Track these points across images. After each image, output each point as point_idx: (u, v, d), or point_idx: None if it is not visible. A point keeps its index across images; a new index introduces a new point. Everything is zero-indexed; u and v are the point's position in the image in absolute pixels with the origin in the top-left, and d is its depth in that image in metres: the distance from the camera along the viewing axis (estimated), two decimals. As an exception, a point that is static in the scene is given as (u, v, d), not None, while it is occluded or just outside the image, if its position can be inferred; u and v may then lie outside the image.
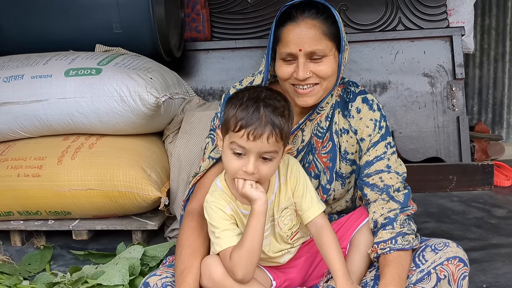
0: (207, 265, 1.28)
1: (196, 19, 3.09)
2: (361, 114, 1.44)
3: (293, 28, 1.34)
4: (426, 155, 2.95)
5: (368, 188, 1.42)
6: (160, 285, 1.28)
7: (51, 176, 2.06)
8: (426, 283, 1.31)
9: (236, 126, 1.20)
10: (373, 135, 1.43)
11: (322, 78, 1.35)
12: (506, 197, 2.71)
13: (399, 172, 1.43)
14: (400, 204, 1.40)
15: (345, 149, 1.46)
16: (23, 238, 2.21)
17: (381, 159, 1.42)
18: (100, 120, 2.11)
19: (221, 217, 1.28)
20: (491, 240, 2.15)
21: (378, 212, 1.39)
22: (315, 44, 1.32)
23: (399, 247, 1.33)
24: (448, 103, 2.97)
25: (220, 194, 1.31)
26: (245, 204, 1.30)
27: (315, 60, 1.34)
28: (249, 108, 1.22)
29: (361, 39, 3.02)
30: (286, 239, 1.38)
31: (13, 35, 2.47)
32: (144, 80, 2.07)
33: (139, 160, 2.09)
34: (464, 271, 1.32)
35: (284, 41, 1.35)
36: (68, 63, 2.18)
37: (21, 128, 2.19)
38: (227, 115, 1.24)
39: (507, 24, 3.88)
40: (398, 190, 1.41)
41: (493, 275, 1.82)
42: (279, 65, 1.38)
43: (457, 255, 1.32)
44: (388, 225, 1.37)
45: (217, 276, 1.25)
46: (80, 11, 2.40)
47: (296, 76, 1.34)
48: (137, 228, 2.13)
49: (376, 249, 1.35)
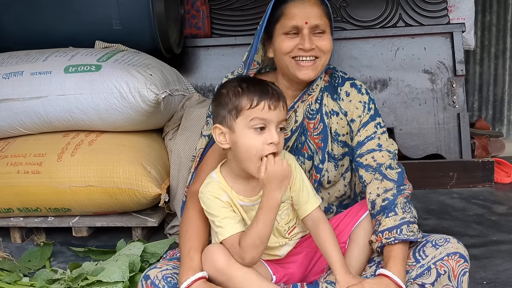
0: (209, 253, 1.28)
1: (196, 15, 3.08)
2: (350, 97, 1.51)
3: (298, 3, 1.43)
4: (426, 152, 2.94)
5: (363, 169, 1.46)
6: (160, 277, 1.29)
7: (51, 173, 2.06)
8: (426, 278, 1.32)
9: (253, 102, 1.25)
10: (362, 116, 1.49)
11: (322, 52, 1.44)
12: (506, 194, 2.71)
13: (390, 150, 1.46)
14: (395, 182, 1.41)
15: (335, 130, 1.52)
16: (23, 235, 2.21)
17: (371, 139, 1.47)
18: (100, 116, 2.10)
19: (219, 205, 1.30)
20: (492, 236, 2.14)
21: (374, 192, 1.41)
22: (318, 18, 1.43)
23: (405, 237, 1.32)
24: (449, 99, 2.97)
25: (215, 184, 1.32)
26: (241, 195, 1.32)
27: (317, 34, 1.43)
28: (255, 85, 1.29)
29: (362, 36, 3.01)
30: (284, 233, 1.39)
31: (13, 31, 2.47)
32: (144, 77, 2.07)
33: (139, 156, 2.09)
34: (465, 267, 1.32)
35: (289, 15, 1.43)
36: (67, 60, 2.17)
37: (20, 125, 2.18)
38: (231, 102, 1.27)
39: (507, 21, 3.88)
40: (390, 167, 1.43)
41: (493, 271, 1.82)
42: (281, 39, 1.44)
43: (457, 251, 1.32)
44: (389, 210, 1.36)
45: (220, 264, 1.25)
46: (80, 7, 2.39)
47: (303, 47, 1.41)
48: (137, 225, 2.12)
49: (381, 238, 1.34)
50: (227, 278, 1.25)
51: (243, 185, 1.33)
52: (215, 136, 1.32)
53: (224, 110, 1.29)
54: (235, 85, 1.31)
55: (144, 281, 1.29)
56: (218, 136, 1.31)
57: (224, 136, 1.29)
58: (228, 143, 1.29)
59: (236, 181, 1.33)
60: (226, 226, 1.28)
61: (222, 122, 1.29)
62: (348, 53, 3.01)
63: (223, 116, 1.29)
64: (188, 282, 1.24)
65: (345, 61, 3.01)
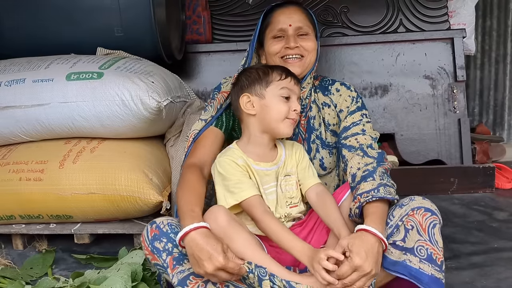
0: (212, 212, 1.34)
1: (197, 21, 3.08)
2: (340, 92, 1.70)
3: (283, 10, 1.69)
4: (427, 157, 2.95)
5: (346, 149, 1.58)
6: (166, 223, 1.36)
7: (52, 180, 2.06)
8: (396, 236, 1.35)
9: (282, 75, 1.50)
10: (350, 106, 1.66)
11: (307, 50, 1.65)
12: (507, 200, 2.71)
13: (372, 136, 1.61)
14: (375, 159, 1.50)
15: (327, 120, 1.70)
16: (25, 242, 2.22)
17: (357, 125, 1.62)
18: (101, 124, 2.11)
19: (235, 169, 1.44)
20: (493, 244, 2.14)
21: (355, 166, 1.50)
22: (301, 21, 1.67)
23: (382, 195, 1.37)
24: (449, 105, 2.97)
25: (232, 151, 1.49)
26: (257, 161, 1.48)
27: (301, 36, 1.66)
28: (277, 67, 1.54)
29: (362, 41, 3.01)
30: (286, 205, 1.49)
31: (15, 38, 2.47)
32: (145, 84, 2.07)
33: (141, 163, 2.10)
34: (433, 220, 1.33)
35: (275, 21, 1.68)
36: (69, 67, 2.18)
37: (22, 132, 2.19)
38: (261, 76, 1.49)
39: (508, 26, 3.89)
40: (371, 146, 1.56)
41: (494, 279, 1.81)
42: (270, 43, 1.67)
43: (422, 205, 1.35)
44: (368, 177, 1.43)
45: (223, 222, 1.31)
46: (82, 15, 2.39)
47: (288, 45, 1.63)
48: (138, 232, 2.13)
49: (359, 199, 1.39)
50: (228, 237, 1.30)
51: (260, 152, 1.51)
52: (242, 105, 1.50)
53: (254, 83, 1.50)
54: (260, 66, 1.56)
55: (149, 226, 1.36)
56: (246, 104, 1.49)
57: (251, 104, 1.48)
58: (255, 109, 1.48)
59: (253, 150, 1.50)
60: (244, 187, 1.39)
61: (251, 92, 1.49)
62: (349, 59, 3.01)
63: (252, 88, 1.49)
64: (191, 226, 1.27)
65: (346, 67, 3.02)
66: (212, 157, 1.54)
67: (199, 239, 1.24)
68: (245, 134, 1.54)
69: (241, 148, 1.51)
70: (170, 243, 1.32)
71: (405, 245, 1.33)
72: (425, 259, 1.30)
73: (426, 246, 1.30)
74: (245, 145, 1.52)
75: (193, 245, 1.25)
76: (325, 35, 3.15)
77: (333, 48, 3.01)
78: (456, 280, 1.80)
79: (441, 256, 1.32)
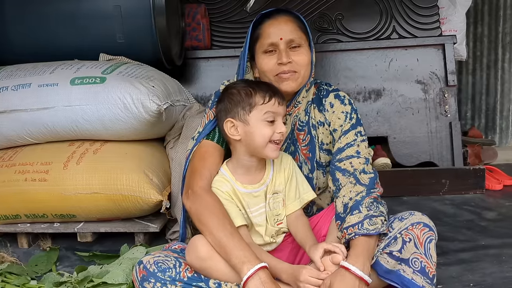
0: (193, 245, 1.40)
1: (197, 28, 3.16)
2: (334, 108, 1.63)
3: (272, 22, 1.57)
4: (419, 159, 3.02)
5: (340, 173, 1.55)
6: (152, 262, 1.40)
7: (57, 181, 2.13)
8: (393, 246, 1.42)
9: (265, 98, 1.45)
10: (344, 125, 1.60)
11: (300, 66, 1.56)
12: (497, 201, 2.77)
13: (366, 157, 1.57)
14: (366, 186, 1.50)
15: (321, 140, 1.65)
16: (30, 241, 2.28)
17: (351, 146, 1.57)
18: (104, 126, 2.18)
19: (221, 196, 1.47)
20: (480, 241, 2.20)
21: (347, 196, 1.50)
22: (292, 33, 1.56)
23: (364, 232, 1.40)
24: (441, 109, 3.05)
25: (219, 177, 1.51)
26: (244, 184, 1.50)
27: (294, 48, 1.56)
28: (262, 85, 1.49)
29: (356, 47, 3.09)
30: (274, 222, 1.53)
31: (21, 44, 2.55)
32: (146, 89, 2.15)
33: (142, 164, 2.17)
34: (430, 235, 1.41)
35: (265, 34, 1.57)
36: (73, 72, 2.26)
37: (28, 135, 2.26)
38: (244, 99, 1.45)
39: (499, 32, 3.97)
40: (363, 171, 1.53)
41: (480, 274, 1.87)
42: (261, 59, 1.58)
43: (421, 221, 1.43)
44: (355, 209, 1.45)
45: (202, 253, 1.37)
46: (85, 22, 2.48)
47: (280, 61, 1.53)
48: (139, 231, 2.20)
49: (345, 234, 1.44)
50: (208, 267, 1.37)
51: (248, 173, 1.51)
52: (227, 130, 1.48)
53: (237, 106, 1.46)
54: (243, 86, 1.49)
55: (137, 266, 1.42)
56: (230, 129, 1.47)
57: (236, 129, 1.46)
58: (240, 134, 1.46)
59: (241, 171, 1.51)
60: (231, 216, 1.44)
61: (234, 117, 1.46)
62: (343, 64, 3.10)
63: (235, 112, 1.46)
64: (252, 270, 1.32)
65: (341, 72, 3.10)
66: (216, 170, 1.56)
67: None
68: (234, 155, 1.55)
69: (231, 169, 1.53)
70: (159, 283, 1.37)
71: (401, 256, 1.41)
72: (418, 270, 1.39)
73: (420, 259, 1.39)
74: (235, 167, 1.53)
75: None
76: (320, 41, 3.23)
77: (328, 54, 3.09)
78: (444, 275, 1.86)
79: (433, 270, 1.41)
